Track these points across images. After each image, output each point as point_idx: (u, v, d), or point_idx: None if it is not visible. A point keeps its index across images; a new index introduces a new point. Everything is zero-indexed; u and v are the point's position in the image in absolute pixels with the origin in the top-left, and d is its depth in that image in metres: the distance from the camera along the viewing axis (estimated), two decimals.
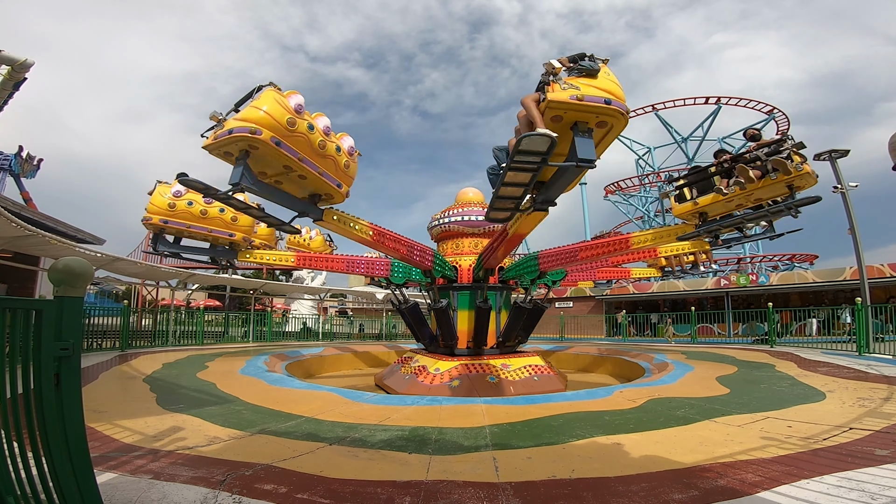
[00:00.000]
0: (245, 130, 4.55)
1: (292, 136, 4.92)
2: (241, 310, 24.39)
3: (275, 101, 4.79)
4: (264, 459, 3.10)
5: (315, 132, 5.31)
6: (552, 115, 4.16)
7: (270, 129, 4.65)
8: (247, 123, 4.60)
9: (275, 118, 4.72)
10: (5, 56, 4.49)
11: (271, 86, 4.97)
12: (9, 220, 8.07)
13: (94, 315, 11.46)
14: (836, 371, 7.14)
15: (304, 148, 5.12)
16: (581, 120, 4.23)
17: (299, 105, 5.08)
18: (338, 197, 6.09)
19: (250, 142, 4.62)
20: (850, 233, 12.07)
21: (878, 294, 19.22)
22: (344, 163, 5.88)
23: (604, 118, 4.28)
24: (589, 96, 4.09)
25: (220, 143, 4.72)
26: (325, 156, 5.51)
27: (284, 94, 5.03)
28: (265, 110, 4.69)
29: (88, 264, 1.88)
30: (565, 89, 4.08)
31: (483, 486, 2.67)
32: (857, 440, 3.49)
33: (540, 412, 4.79)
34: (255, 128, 4.59)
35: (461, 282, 9.80)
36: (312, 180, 5.54)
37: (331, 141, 5.63)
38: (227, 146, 4.76)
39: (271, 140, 4.70)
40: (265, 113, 4.65)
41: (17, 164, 19.97)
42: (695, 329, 16.67)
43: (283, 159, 4.98)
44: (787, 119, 35.52)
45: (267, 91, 4.85)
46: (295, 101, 5.06)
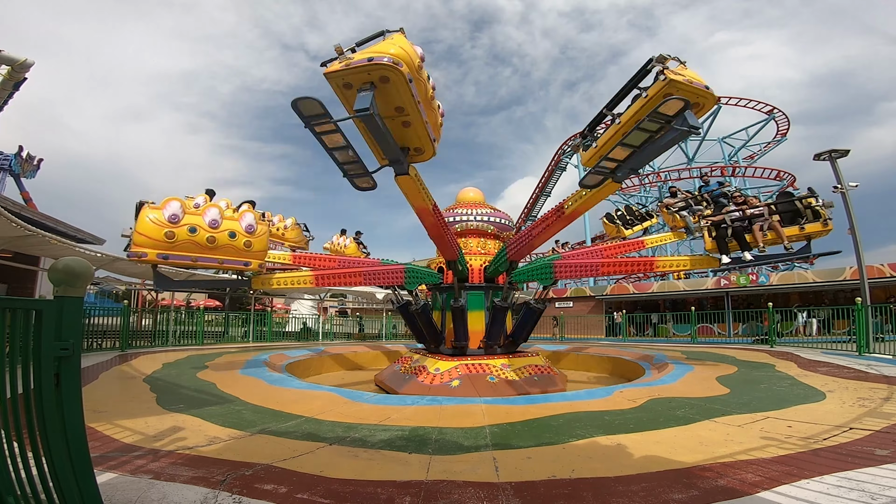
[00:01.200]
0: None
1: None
2: (241, 310, 24.38)
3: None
4: (264, 459, 3.10)
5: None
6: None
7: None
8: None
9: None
10: (5, 56, 4.50)
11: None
12: (9, 220, 8.08)
13: (94, 315, 11.46)
14: (836, 371, 7.14)
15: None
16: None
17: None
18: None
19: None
20: (850, 233, 12.07)
21: (878, 294, 19.24)
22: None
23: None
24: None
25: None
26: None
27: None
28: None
29: (88, 264, 1.88)
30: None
31: (483, 486, 2.67)
32: (857, 440, 3.49)
33: (540, 412, 4.79)
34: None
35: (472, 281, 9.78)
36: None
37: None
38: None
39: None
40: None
41: (17, 164, 19.97)
42: (695, 329, 16.68)
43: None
44: (787, 119, 35.48)
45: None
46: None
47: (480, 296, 9.74)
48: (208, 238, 5.64)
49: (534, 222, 8.19)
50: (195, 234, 5.52)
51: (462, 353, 9.14)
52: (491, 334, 9.22)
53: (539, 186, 41.75)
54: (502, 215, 10.61)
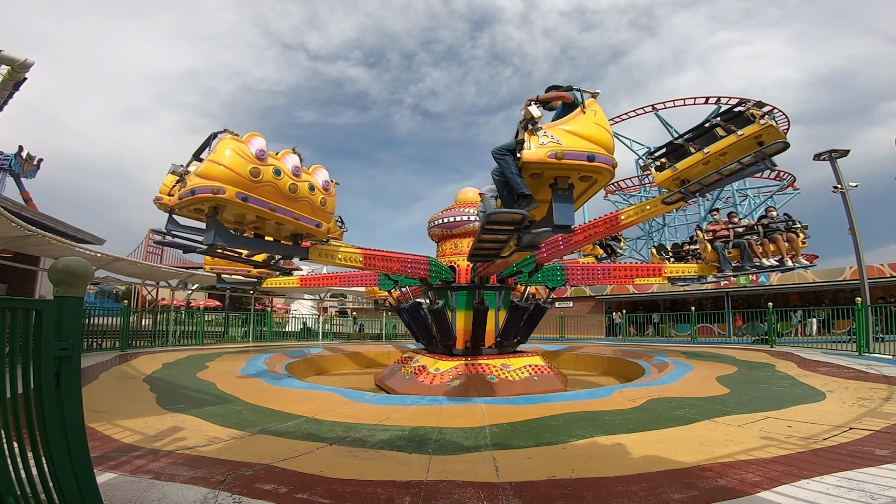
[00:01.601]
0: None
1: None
2: (241, 310, 24.38)
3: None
4: (264, 459, 3.10)
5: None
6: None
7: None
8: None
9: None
10: (5, 56, 4.50)
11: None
12: (9, 220, 8.07)
13: (94, 315, 11.46)
14: (836, 371, 7.14)
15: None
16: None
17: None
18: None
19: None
20: (850, 233, 12.07)
21: (877, 294, 19.24)
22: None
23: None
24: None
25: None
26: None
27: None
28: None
29: (88, 264, 1.88)
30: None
31: (483, 485, 2.67)
32: (857, 440, 3.49)
33: (540, 412, 4.79)
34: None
35: (459, 282, 9.80)
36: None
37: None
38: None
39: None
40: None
41: (17, 164, 19.98)
42: (695, 329, 16.68)
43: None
44: (787, 119, 35.48)
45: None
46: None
47: (492, 295, 9.76)
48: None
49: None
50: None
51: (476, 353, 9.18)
52: (506, 333, 9.27)
53: None
54: None
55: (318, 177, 5.55)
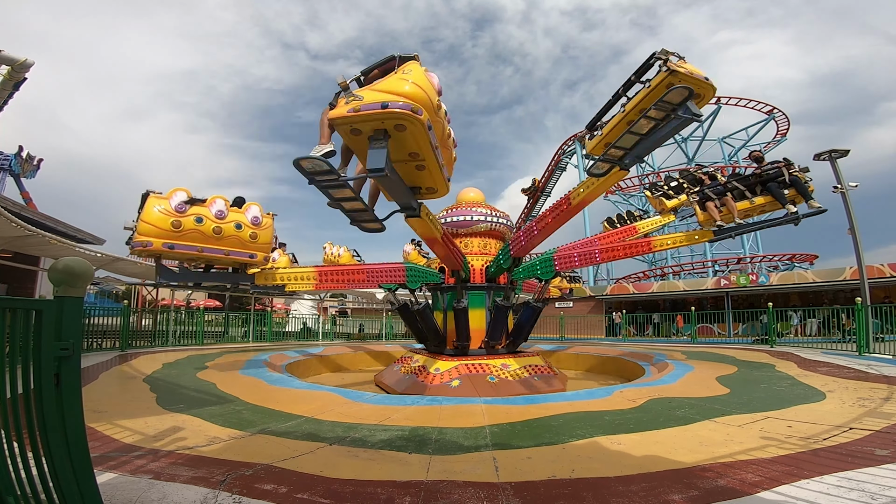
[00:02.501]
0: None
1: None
2: (241, 310, 24.38)
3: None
4: (264, 459, 3.10)
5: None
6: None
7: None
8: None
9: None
10: (5, 56, 4.50)
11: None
12: (9, 220, 8.08)
13: (94, 315, 11.45)
14: (836, 371, 7.14)
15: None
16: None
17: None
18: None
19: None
20: (850, 233, 12.07)
21: (877, 294, 19.24)
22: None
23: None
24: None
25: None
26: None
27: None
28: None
29: (88, 264, 1.88)
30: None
31: (483, 486, 2.67)
32: (857, 440, 3.49)
33: (540, 412, 4.79)
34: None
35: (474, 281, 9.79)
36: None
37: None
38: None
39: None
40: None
41: (17, 164, 19.99)
42: (695, 329, 16.68)
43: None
44: (787, 119, 35.49)
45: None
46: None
47: (482, 295, 9.74)
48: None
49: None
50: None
51: (464, 353, 9.15)
52: (493, 334, 9.23)
53: (539, 186, 41.70)
54: (502, 215, 10.61)
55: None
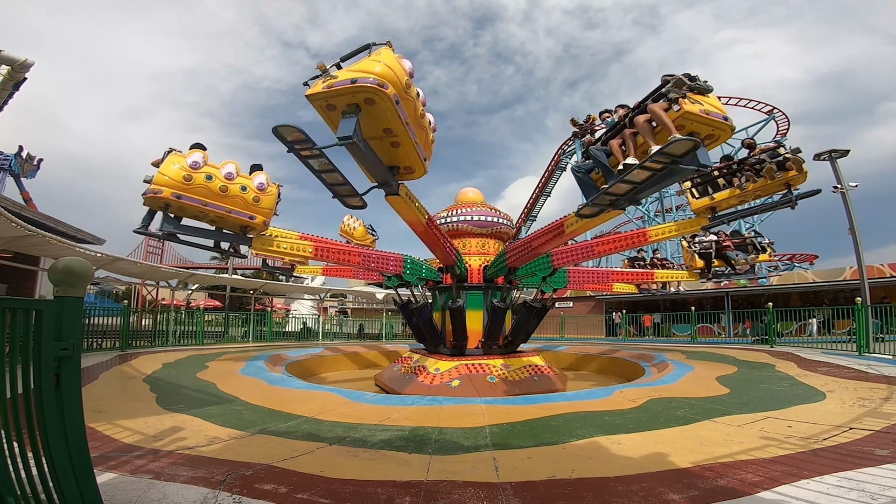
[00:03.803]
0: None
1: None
2: (241, 310, 24.38)
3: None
4: (264, 459, 3.10)
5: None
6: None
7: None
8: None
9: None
10: (5, 56, 4.50)
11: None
12: (9, 220, 8.07)
13: (94, 315, 11.46)
14: (836, 371, 7.14)
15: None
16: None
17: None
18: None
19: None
20: (850, 233, 12.07)
21: (877, 294, 19.24)
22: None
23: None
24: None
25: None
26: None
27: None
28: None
29: (88, 264, 1.88)
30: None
31: (483, 486, 2.67)
32: (857, 440, 3.49)
33: (540, 412, 4.79)
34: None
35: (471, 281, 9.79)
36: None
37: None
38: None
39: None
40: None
41: (17, 164, 19.98)
42: (695, 329, 16.68)
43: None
44: (787, 119, 35.46)
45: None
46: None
47: (479, 296, 9.74)
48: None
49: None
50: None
51: (461, 353, 9.14)
52: (489, 334, 9.22)
53: (539, 186, 41.72)
54: (502, 215, 10.61)
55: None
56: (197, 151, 6.29)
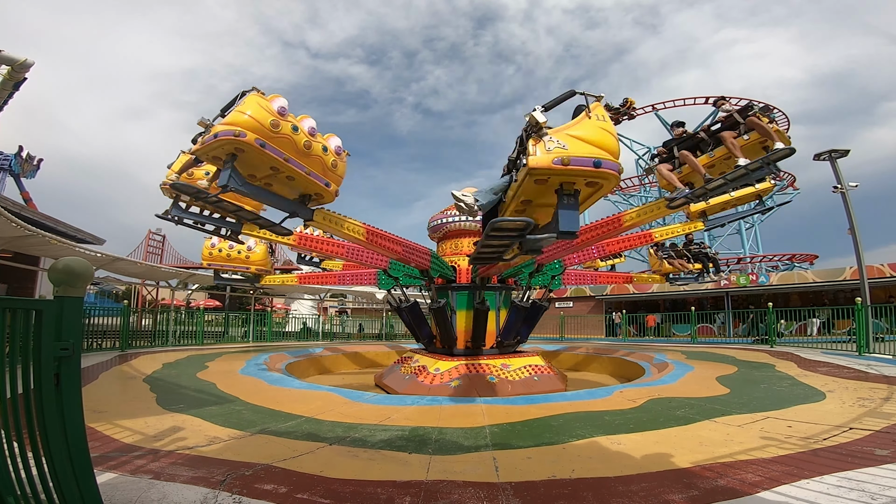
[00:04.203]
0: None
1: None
2: (241, 310, 24.38)
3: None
4: (264, 459, 3.10)
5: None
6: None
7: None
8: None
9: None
10: (5, 56, 4.50)
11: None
12: (9, 220, 8.08)
13: (94, 315, 11.46)
14: (836, 371, 7.14)
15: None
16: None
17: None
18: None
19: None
20: (850, 233, 12.07)
21: (877, 294, 19.23)
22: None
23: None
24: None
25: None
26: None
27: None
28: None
29: (88, 264, 1.88)
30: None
31: (483, 486, 2.67)
32: (857, 440, 3.49)
33: (540, 412, 4.79)
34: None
35: (460, 281, 9.79)
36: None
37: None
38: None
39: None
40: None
41: (17, 164, 20.00)
42: (695, 329, 16.68)
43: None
44: (786, 119, 35.50)
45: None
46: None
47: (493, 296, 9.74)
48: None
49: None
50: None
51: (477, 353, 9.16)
52: (507, 333, 9.26)
53: None
54: None
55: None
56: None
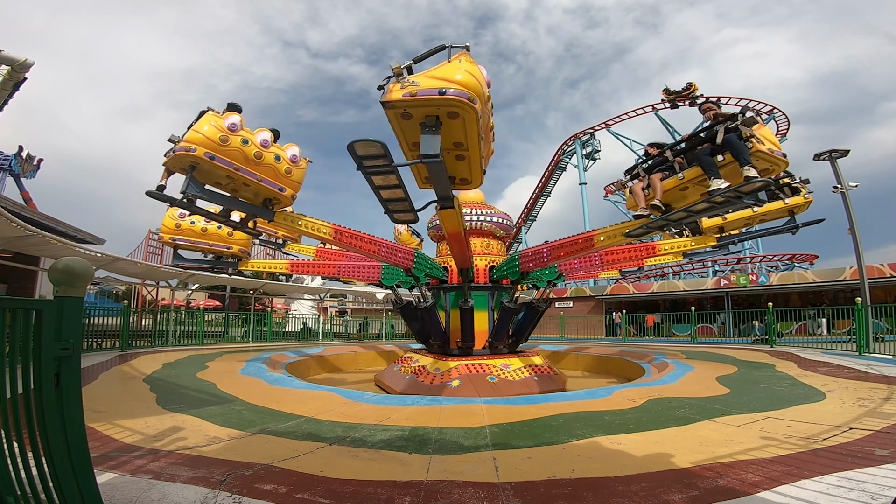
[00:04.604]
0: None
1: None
2: (241, 310, 24.37)
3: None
4: (264, 459, 3.10)
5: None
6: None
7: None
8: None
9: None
10: (5, 56, 4.50)
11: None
12: (9, 220, 8.08)
13: (94, 315, 11.46)
14: (836, 371, 7.14)
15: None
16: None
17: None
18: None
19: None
20: (850, 233, 12.07)
21: (878, 294, 19.23)
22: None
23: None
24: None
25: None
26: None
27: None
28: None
29: (88, 264, 1.88)
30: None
31: (483, 486, 2.67)
32: (857, 440, 3.49)
33: (540, 412, 4.79)
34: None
35: (452, 282, 9.79)
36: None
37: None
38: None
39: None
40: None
41: (17, 164, 20.00)
42: (695, 329, 16.68)
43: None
44: (787, 119, 35.47)
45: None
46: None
47: (485, 296, 9.74)
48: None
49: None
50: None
51: (468, 353, 9.15)
52: (497, 334, 9.25)
53: (539, 186, 41.73)
54: (503, 215, 10.62)
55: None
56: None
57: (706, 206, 5.10)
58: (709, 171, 5.03)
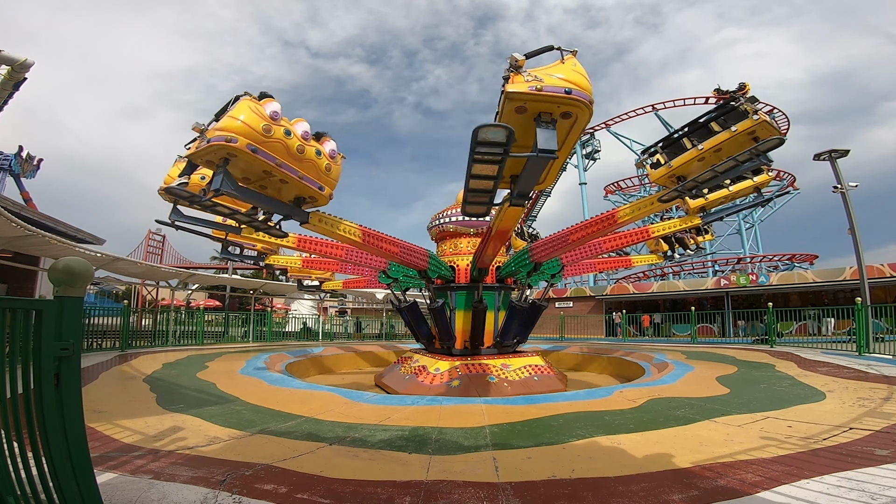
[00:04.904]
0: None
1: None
2: (241, 310, 24.38)
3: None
4: (264, 459, 3.10)
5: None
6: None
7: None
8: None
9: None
10: (5, 56, 4.51)
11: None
12: (9, 220, 8.08)
13: (94, 315, 11.47)
14: (836, 371, 7.14)
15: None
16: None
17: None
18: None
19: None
20: (850, 233, 12.07)
21: (877, 294, 19.23)
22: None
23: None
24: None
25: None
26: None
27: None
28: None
29: (88, 264, 1.88)
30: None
31: (483, 486, 2.67)
32: (857, 440, 3.49)
33: (540, 412, 4.79)
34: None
35: (459, 282, 9.79)
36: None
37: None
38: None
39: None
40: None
41: (17, 164, 20.02)
42: (695, 329, 16.68)
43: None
44: (787, 119, 35.48)
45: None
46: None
47: (492, 296, 9.73)
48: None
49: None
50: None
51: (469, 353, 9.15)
52: (505, 333, 9.26)
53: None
54: None
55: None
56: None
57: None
58: None
